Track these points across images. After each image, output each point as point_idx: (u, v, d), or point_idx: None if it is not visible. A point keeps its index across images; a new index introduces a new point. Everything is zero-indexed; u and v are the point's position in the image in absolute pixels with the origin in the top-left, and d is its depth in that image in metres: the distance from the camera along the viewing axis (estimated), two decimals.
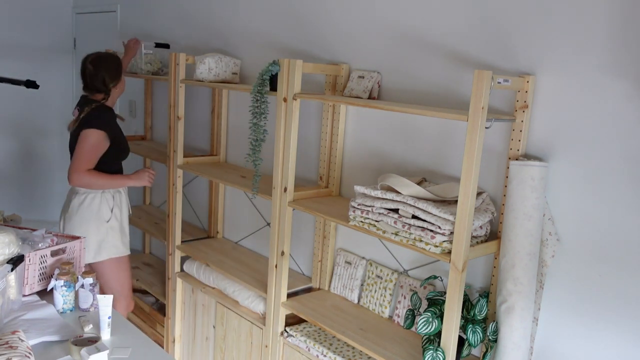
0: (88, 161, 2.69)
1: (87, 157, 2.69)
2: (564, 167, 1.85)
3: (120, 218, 2.93)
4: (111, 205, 2.87)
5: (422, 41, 2.20)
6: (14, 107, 4.49)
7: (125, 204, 2.98)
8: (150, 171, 2.95)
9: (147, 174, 2.93)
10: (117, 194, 2.91)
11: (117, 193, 2.91)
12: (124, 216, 2.96)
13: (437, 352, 1.85)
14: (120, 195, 2.93)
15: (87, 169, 2.69)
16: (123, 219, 2.95)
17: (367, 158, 2.45)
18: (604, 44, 1.73)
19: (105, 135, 2.72)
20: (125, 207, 2.97)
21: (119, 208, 2.92)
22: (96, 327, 1.99)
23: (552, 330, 1.94)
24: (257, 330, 2.64)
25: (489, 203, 1.99)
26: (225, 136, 3.21)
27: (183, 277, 3.12)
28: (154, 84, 3.84)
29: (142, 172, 2.93)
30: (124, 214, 2.96)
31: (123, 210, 2.95)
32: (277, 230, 2.42)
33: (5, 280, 1.95)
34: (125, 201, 2.98)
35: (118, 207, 2.91)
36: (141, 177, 2.91)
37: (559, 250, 1.89)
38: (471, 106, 1.69)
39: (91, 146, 2.69)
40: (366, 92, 2.32)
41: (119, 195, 2.92)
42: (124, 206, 2.96)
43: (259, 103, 2.35)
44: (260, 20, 2.92)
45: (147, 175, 2.92)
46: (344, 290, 2.54)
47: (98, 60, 2.80)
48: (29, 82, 3.05)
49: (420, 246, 1.87)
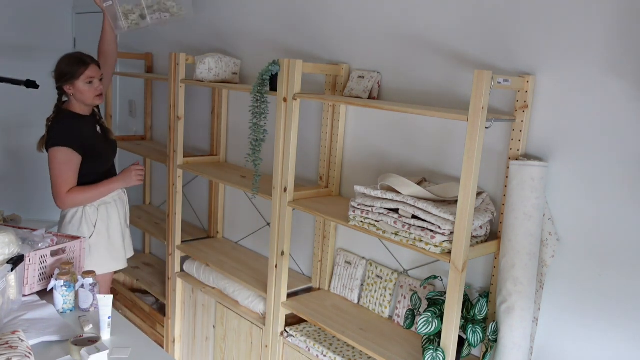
0: (65, 181, 2.52)
1: (63, 178, 2.51)
2: (564, 167, 1.85)
3: (108, 232, 2.72)
4: (94, 220, 2.66)
5: (422, 41, 2.20)
6: (14, 107, 4.49)
7: (116, 215, 2.76)
8: (137, 168, 2.70)
9: (134, 172, 2.68)
10: (102, 206, 2.69)
11: (102, 205, 2.69)
12: (113, 230, 2.75)
13: (437, 352, 1.85)
14: (107, 206, 2.72)
15: (68, 190, 2.52)
16: (111, 233, 2.74)
17: (367, 158, 2.45)
18: (604, 44, 1.73)
19: (71, 150, 2.52)
20: (115, 218, 2.75)
21: (105, 221, 2.71)
22: (96, 327, 1.99)
23: (552, 330, 1.94)
24: (257, 330, 2.64)
25: (489, 203, 1.99)
26: (225, 136, 3.21)
27: (183, 277, 3.12)
28: (154, 84, 3.84)
29: (127, 172, 2.69)
30: (114, 227, 2.75)
31: (112, 222, 2.74)
32: (277, 230, 2.42)
33: (5, 280, 1.95)
34: (116, 213, 2.76)
35: (104, 220, 2.70)
36: (127, 178, 2.68)
37: (559, 250, 1.89)
38: (471, 106, 1.69)
39: (61, 165, 2.51)
40: (366, 92, 2.32)
41: (105, 208, 2.70)
42: (114, 218, 2.75)
43: (259, 103, 2.35)
44: (260, 20, 2.92)
45: (134, 173, 2.68)
46: (344, 290, 2.54)
47: (61, 57, 2.63)
48: (29, 82, 3.05)
49: (420, 246, 1.87)
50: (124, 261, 2.86)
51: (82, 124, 2.64)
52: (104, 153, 2.73)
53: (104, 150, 2.72)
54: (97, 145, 2.68)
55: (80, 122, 2.64)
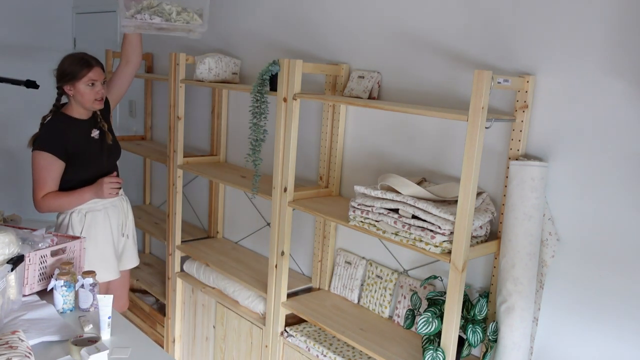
0: (42, 186, 2.48)
1: (41, 183, 2.48)
2: (564, 167, 1.85)
3: (95, 240, 2.63)
4: (79, 228, 2.59)
5: (422, 41, 2.20)
6: (14, 107, 4.49)
7: (107, 223, 2.68)
8: (111, 180, 2.56)
9: (105, 185, 2.54)
10: (90, 214, 2.62)
11: (90, 212, 2.62)
12: (102, 238, 2.66)
13: (437, 352, 1.85)
14: (95, 214, 2.63)
15: (44, 195, 2.49)
16: (100, 242, 2.66)
17: (367, 158, 2.45)
18: (604, 44, 1.73)
19: (52, 156, 2.47)
20: (104, 226, 2.67)
21: (93, 229, 2.62)
22: (96, 327, 1.99)
23: (552, 330, 1.94)
24: (257, 330, 2.64)
25: (489, 203, 1.99)
26: (225, 136, 3.21)
27: (183, 277, 3.12)
28: (154, 84, 3.85)
29: (99, 184, 2.55)
30: (103, 235, 2.67)
31: (100, 231, 2.65)
32: (277, 230, 2.42)
33: (5, 280, 1.95)
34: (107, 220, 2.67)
35: (91, 228, 2.62)
36: (99, 189, 2.55)
37: (559, 250, 1.89)
38: (471, 106, 1.69)
39: (40, 170, 2.48)
40: (366, 92, 2.32)
41: (92, 215, 2.62)
42: (103, 226, 2.66)
43: (259, 103, 2.35)
44: (260, 20, 2.92)
45: (106, 186, 2.54)
46: (344, 290, 2.54)
47: (63, 57, 2.58)
48: (29, 82, 3.05)
49: (420, 246, 1.87)
50: (116, 272, 2.76)
51: (73, 129, 2.58)
52: (94, 159, 2.64)
53: (94, 156, 2.64)
54: (86, 152, 2.60)
55: (71, 126, 2.57)
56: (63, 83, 2.54)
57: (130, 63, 2.85)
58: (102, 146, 2.69)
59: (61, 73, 2.54)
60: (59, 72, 2.56)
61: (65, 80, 2.53)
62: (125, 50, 2.83)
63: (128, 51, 2.82)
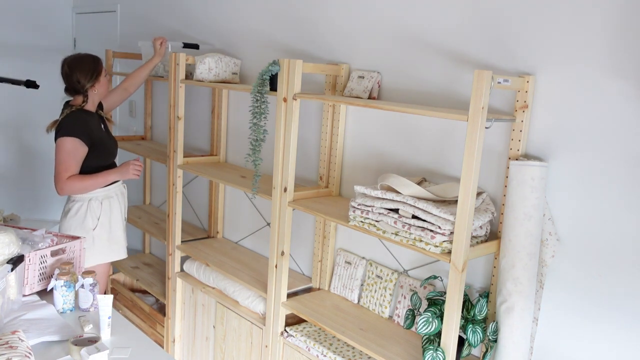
0: (67, 169, 2.64)
1: (66, 165, 2.64)
2: (564, 167, 1.85)
3: (110, 225, 2.88)
4: (98, 213, 2.82)
5: (422, 41, 2.20)
6: (14, 107, 4.49)
7: (118, 208, 2.92)
8: (136, 163, 2.78)
9: (132, 166, 2.77)
10: (106, 200, 2.84)
11: (106, 199, 2.84)
12: (114, 222, 2.90)
13: (437, 352, 1.85)
14: (110, 200, 2.87)
15: (69, 177, 2.64)
16: (113, 225, 2.90)
17: (367, 158, 2.45)
18: (603, 44, 1.73)
19: (79, 141, 2.66)
20: (117, 212, 2.91)
21: (108, 215, 2.86)
22: (96, 327, 1.99)
23: (552, 330, 1.94)
24: (257, 330, 2.64)
25: (489, 203, 1.99)
26: (225, 136, 3.21)
27: (183, 277, 3.12)
28: (154, 84, 3.84)
29: (125, 165, 2.78)
30: (115, 219, 2.91)
31: (114, 216, 2.89)
32: (277, 230, 2.42)
33: (5, 280, 1.95)
34: (118, 206, 2.92)
35: (107, 214, 2.85)
36: (124, 170, 2.77)
37: (559, 250, 1.89)
38: (471, 106, 1.69)
39: (67, 154, 2.65)
40: (366, 92, 2.32)
41: (108, 202, 2.85)
42: (116, 211, 2.90)
43: (259, 103, 2.36)
44: (260, 20, 2.92)
45: (132, 167, 2.77)
46: (344, 290, 2.54)
47: (74, 61, 2.74)
48: (29, 82, 3.05)
49: (420, 246, 1.87)
50: (124, 251, 3.01)
51: (92, 120, 2.79)
52: (109, 147, 2.87)
53: (109, 145, 2.87)
54: (103, 140, 2.82)
55: (91, 117, 2.79)
56: (93, 82, 2.76)
57: (127, 93, 3.19)
58: (109, 137, 2.93)
59: (92, 73, 2.75)
60: (85, 74, 2.73)
61: (94, 78, 2.76)
62: (130, 84, 3.17)
63: (132, 86, 3.18)
